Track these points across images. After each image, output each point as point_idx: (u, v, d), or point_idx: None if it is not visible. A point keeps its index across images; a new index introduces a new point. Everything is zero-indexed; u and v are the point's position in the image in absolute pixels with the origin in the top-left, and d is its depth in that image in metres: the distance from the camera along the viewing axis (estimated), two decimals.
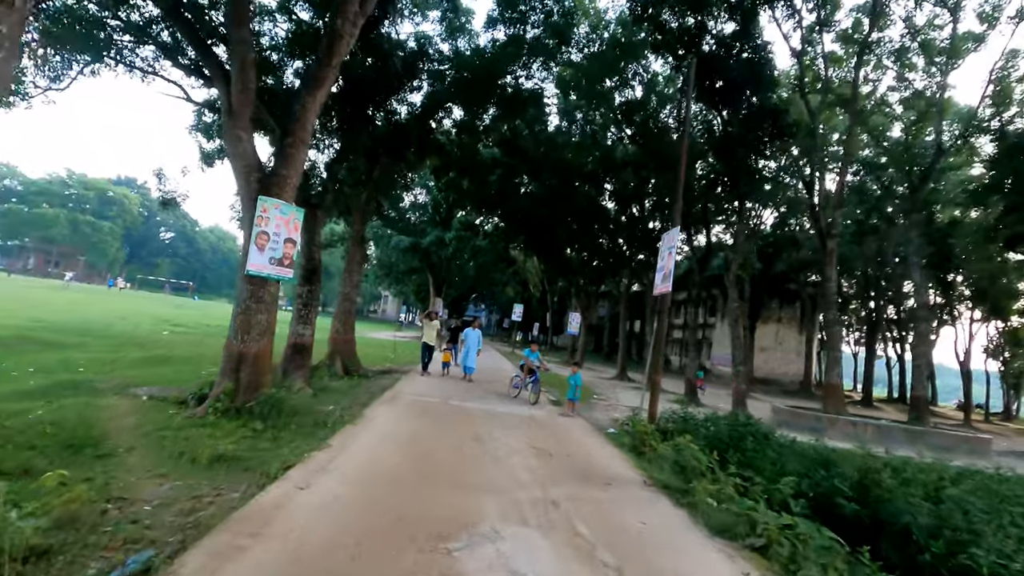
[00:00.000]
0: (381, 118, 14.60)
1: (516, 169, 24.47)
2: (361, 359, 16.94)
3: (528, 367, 11.82)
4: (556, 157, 24.27)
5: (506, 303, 63.31)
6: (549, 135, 24.58)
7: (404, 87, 14.43)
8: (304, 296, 10.23)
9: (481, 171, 23.52)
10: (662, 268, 9.20)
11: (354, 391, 10.18)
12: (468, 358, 13.48)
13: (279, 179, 7.63)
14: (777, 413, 14.74)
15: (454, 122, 20.93)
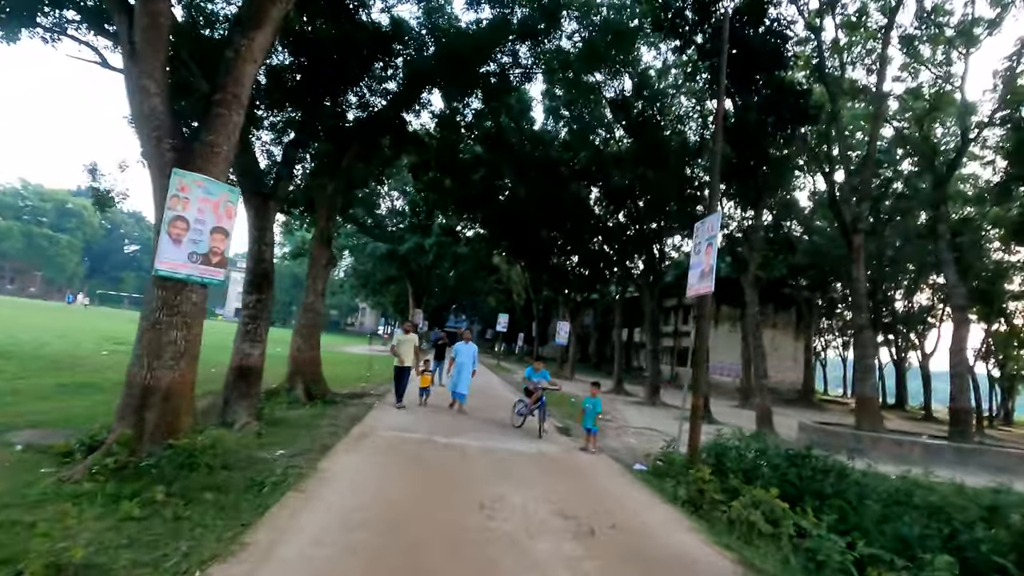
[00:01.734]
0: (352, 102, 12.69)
1: (500, 168, 22.69)
2: (331, 379, 14.82)
3: (533, 390, 9.51)
4: (543, 155, 22.59)
5: (488, 313, 61.35)
6: (535, 132, 22.91)
7: (376, 66, 12.55)
8: (252, 307, 8.19)
9: (463, 169, 21.71)
10: (699, 264, 7.44)
11: (315, 425, 8.16)
12: (460, 381, 10.70)
13: (204, 149, 5.67)
14: (805, 431, 13.09)
15: (434, 115, 19.13)
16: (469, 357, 10.81)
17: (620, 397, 21.11)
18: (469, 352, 10.86)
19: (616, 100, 18.31)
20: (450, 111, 19.62)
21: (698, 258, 7.51)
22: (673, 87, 20.45)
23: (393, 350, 10.56)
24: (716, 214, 7.26)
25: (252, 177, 8.44)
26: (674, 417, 16.50)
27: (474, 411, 11.05)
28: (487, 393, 15.78)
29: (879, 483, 6.73)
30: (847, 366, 53.48)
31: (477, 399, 13.28)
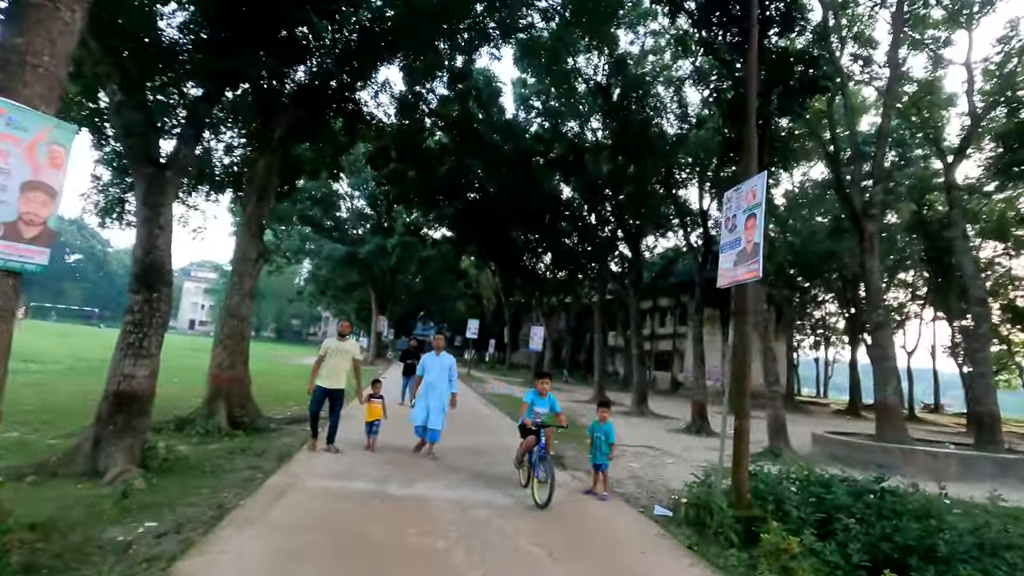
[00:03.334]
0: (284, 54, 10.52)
1: (468, 159, 20.79)
2: (274, 397, 12.67)
3: (533, 426, 6.17)
4: (514, 145, 20.81)
5: (458, 320, 59.12)
6: (507, 121, 21.11)
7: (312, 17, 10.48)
8: (138, 311, 6.03)
9: (428, 160, 19.73)
10: (734, 243, 5.70)
11: (226, 468, 6.06)
12: (431, 411, 7.45)
13: (8, 58, 3.61)
14: (821, 443, 11.56)
15: (393, 97, 17.13)
16: (443, 374, 7.59)
17: None
18: (443, 367, 7.62)
19: (594, 82, 16.66)
20: (412, 96, 17.68)
21: (733, 236, 5.76)
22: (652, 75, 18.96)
23: (318, 363, 7.35)
24: (760, 176, 5.53)
25: (140, 138, 6.31)
26: (667, 429, 14.86)
27: (450, 455, 7.74)
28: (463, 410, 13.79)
29: (961, 519, 5.09)
30: (820, 366, 53.46)
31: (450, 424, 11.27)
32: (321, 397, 7.35)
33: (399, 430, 8.48)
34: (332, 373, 7.35)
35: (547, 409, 6.46)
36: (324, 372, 7.33)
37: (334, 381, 7.36)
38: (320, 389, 7.34)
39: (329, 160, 16.69)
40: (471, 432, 10.02)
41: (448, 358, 7.81)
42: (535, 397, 6.51)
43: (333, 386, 7.36)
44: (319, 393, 7.34)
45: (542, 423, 6.17)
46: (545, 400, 6.52)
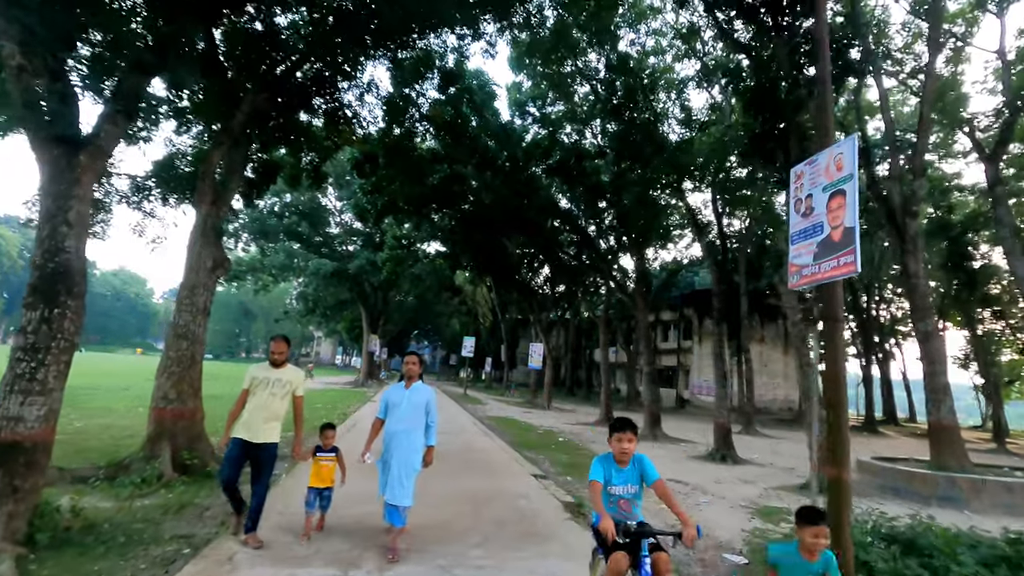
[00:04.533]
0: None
1: (462, 165, 19.53)
2: None
3: (620, 537, 2.89)
4: (509, 153, 19.61)
5: (452, 338, 57.54)
6: (501, 126, 19.91)
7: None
8: (33, 332, 4.61)
9: (418, 167, 18.46)
10: (813, 231, 4.37)
11: (143, 539, 4.59)
12: (393, 480, 4.62)
13: None
14: (868, 471, 10.12)
15: (381, 100, 15.94)
16: (415, 416, 4.79)
17: None
18: (415, 405, 4.81)
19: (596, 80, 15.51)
20: (401, 99, 16.52)
21: (809, 221, 4.43)
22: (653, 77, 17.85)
23: (241, 402, 4.76)
24: (847, 141, 4.21)
25: (48, 114, 4.96)
26: (686, 455, 13.38)
27: (434, 509, 5.70)
28: (455, 441, 12.28)
29: None
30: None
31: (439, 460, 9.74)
32: (238, 457, 4.58)
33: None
34: (258, 418, 4.63)
35: (634, 489, 3.24)
36: (246, 416, 4.67)
37: (260, 430, 4.61)
38: (236, 443, 4.58)
39: (311, 166, 15.44)
40: (465, 471, 8.48)
41: (424, 392, 4.85)
42: (608, 467, 3.26)
43: (258, 438, 4.61)
44: (234, 450, 4.58)
45: (639, 531, 2.93)
46: (629, 471, 3.26)
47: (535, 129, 21.49)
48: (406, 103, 16.84)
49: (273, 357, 4.91)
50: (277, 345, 4.96)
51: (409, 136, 17.88)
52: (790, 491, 9.23)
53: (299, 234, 31.05)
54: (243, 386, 4.80)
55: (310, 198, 32.39)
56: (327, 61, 10.47)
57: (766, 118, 10.66)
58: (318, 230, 33.28)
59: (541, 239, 21.77)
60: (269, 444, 4.71)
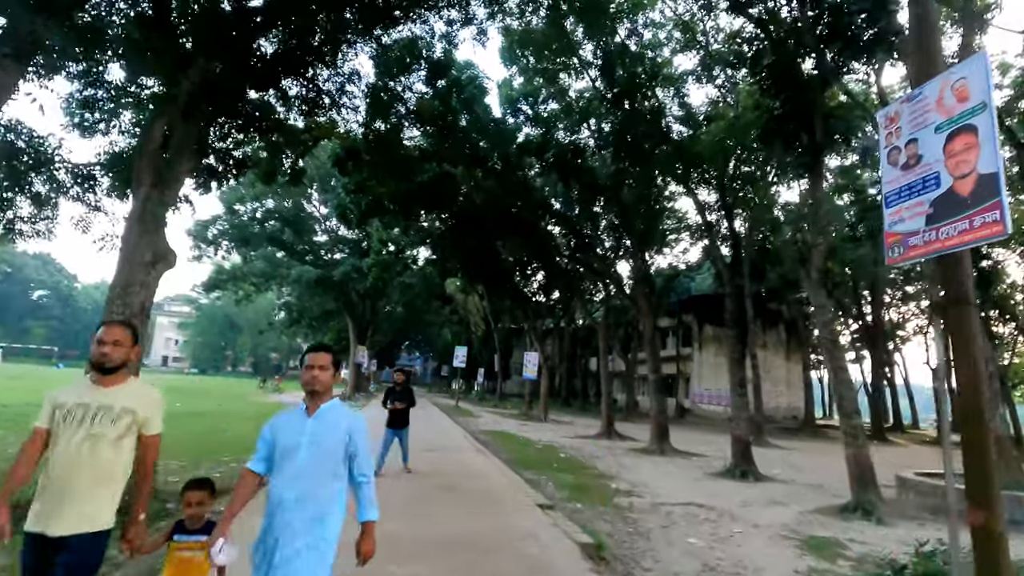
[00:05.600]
0: None
1: (452, 164, 18.42)
2: (215, 446, 9.96)
3: None
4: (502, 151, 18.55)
5: (444, 348, 56.11)
6: (492, 121, 18.86)
7: None
8: None
9: (405, 165, 17.31)
10: (923, 185, 3.24)
11: None
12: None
13: None
14: (912, 490, 8.98)
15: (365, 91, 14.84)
16: (325, 465, 2.47)
17: (614, 443, 16.66)
18: (325, 446, 2.48)
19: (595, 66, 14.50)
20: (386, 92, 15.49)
21: (914, 173, 3.33)
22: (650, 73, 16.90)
23: (27, 450, 2.44)
24: (972, 60, 3.11)
25: None
26: (702, 472, 12.12)
27: None
28: (444, 461, 11.03)
29: None
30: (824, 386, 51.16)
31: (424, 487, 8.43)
32: (35, 567, 2.32)
33: None
34: (67, 486, 2.37)
35: None
36: (43, 484, 2.42)
37: (70, 510, 2.34)
38: (29, 544, 2.34)
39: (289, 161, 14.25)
40: (459, 502, 7.17)
41: (339, 420, 2.55)
42: None
43: (65, 528, 2.32)
44: (28, 557, 2.34)
45: None
46: None
47: (528, 129, 20.52)
48: (391, 97, 15.78)
49: (97, 358, 2.49)
50: (108, 332, 2.55)
51: (395, 131, 16.78)
52: (830, 514, 8.07)
53: (283, 241, 29.73)
54: (38, 422, 2.47)
55: (294, 203, 31.17)
56: (298, 34, 9.35)
57: (787, 97, 9.63)
58: (303, 237, 31.98)
59: (535, 242, 20.65)
60: (88, 537, 2.33)
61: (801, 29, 9.21)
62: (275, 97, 12.90)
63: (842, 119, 9.69)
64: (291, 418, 2.57)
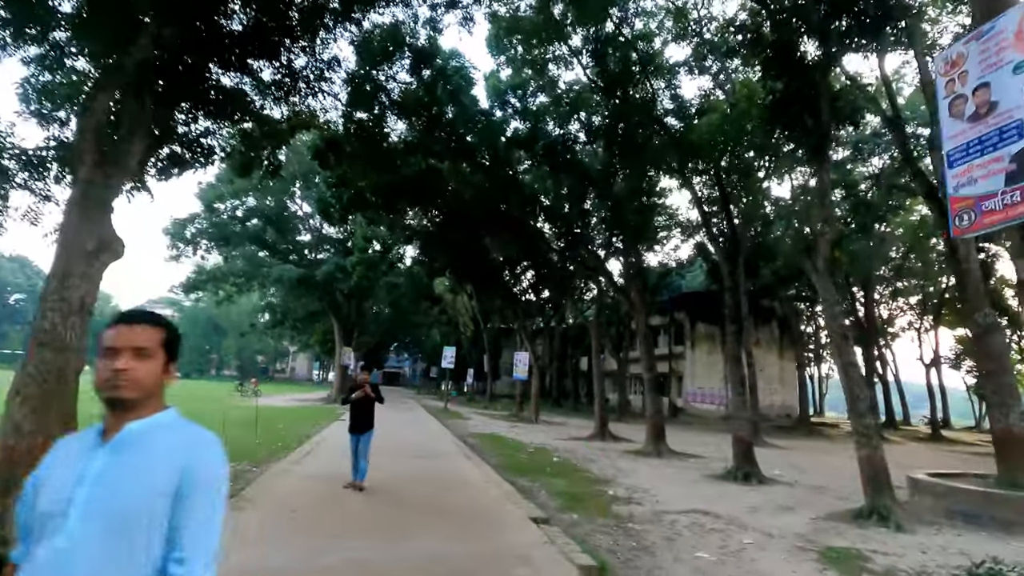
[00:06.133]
0: None
1: (438, 159, 17.75)
2: None
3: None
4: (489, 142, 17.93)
5: (433, 349, 55.29)
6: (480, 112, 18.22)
7: None
8: None
9: (389, 158, 16.62)
10: (1002, 137, 2.62)
11: None
12: None
13: None
14: (928, 493, 8.47)
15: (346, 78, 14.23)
16: (119, 544, 1.12)
17: (608, 444, 16.09)
18: (119, 508, 1.14)
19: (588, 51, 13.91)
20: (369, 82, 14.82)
21: (981, 127, 2.74)
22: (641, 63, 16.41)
23: None
24: None
25: None
26: (702, 475, 11.54)
27: None
28: (426, 468, 10.40)
29: None
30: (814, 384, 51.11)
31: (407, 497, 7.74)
32: None
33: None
34: None
35: None
36: None
37: None
38: None
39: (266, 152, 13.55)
40: (442, 517, 6.45)
41: (177, 446, 1.24)
42: None
43: None
44: None
45: None
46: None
47: (516, 124, 19.92)
48: (374, 86, 15.07)
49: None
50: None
51: (378, 122, 16.09)
52: (844, 520, 7.53)
53: (264, 240, 28.84)
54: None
55: (277, 202, 30.32)
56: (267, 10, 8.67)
57: (790, 79, 9.11)
58: (286, 237, 31.11)
59: (525, 238, 20.04)
60: None
61: (805, 6, 8.69)
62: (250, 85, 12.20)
63: (848, 101, 9.20)
64: (70, 451, 1.27)
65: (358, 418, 7.40)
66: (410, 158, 17.47)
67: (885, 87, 10.33)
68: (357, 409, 7.45)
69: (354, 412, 7.46)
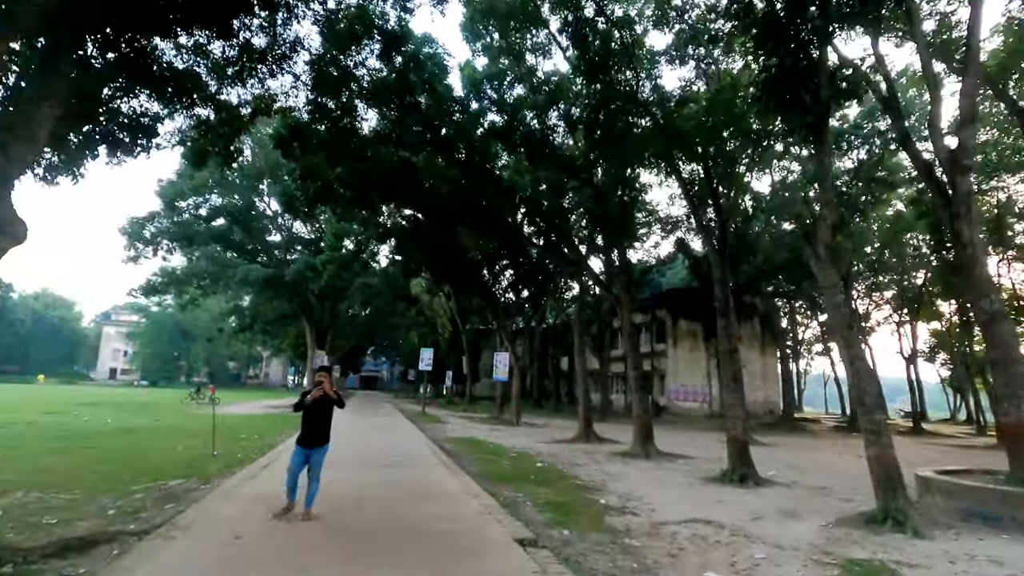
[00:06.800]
0: None
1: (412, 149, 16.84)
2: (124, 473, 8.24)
3: None
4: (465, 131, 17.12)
5: (410, 352, 54.06)
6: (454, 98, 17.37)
7: None
8: None
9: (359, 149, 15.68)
10: None
11: None
12: None
13: None
14: (938, 492, 7.91)
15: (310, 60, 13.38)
16: None
17: (594, 446, 15.38)
18: None
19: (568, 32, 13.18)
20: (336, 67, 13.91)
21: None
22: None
23: None
24: None
25: None
26: (696, 478, 10.78)
27: None
28: (408, 480, 9.52)
29: None
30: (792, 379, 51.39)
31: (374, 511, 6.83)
32: None
33: None
34: None
35: None
36: None
37: None
38: None
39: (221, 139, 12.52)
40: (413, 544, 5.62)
41: None
42: None
43: None
44: None
45: None
46: None
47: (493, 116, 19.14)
48: (342, 73, 14.12)
49: None
50: None
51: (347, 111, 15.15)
52: (856, 526, 6.91)
53: (231, 240, 27.45)
54: None
55: (244, 200, 28.92)
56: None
57: (785, 54, 8.51)
58: (254, 236, 29.71)
59: (503, 232, 19.24)
60: None
61: None
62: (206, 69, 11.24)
63: (847, 76, 8.66)
64: None
65: (313, 427, 6.05)
66: (381, 148, 16.56)
67: (879, 64, 9.85)
68: (312, 415, 6.07)
69: (308, 419, 6.07)
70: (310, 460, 5.97)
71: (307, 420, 6.08)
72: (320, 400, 6.03)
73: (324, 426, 6.12)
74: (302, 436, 6.07)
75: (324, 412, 6.12)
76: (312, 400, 6.01)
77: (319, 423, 6.09)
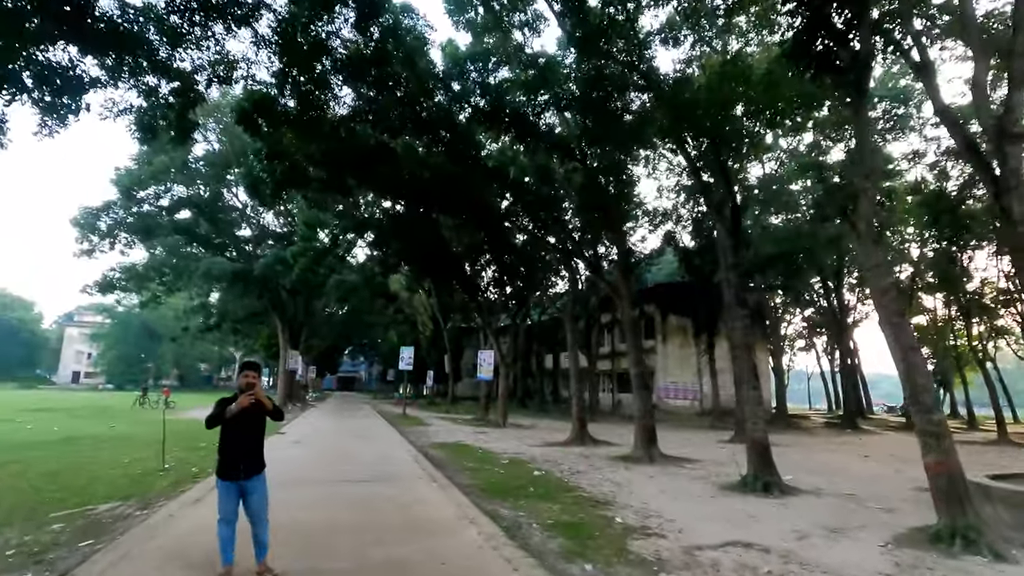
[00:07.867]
0: None
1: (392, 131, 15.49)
2: (63, 491, 6.81)
3: None
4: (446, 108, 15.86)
5: (389, 351, 52.40)
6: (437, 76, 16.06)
7: None
8: None
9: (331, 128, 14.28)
10: None
11: None
12: None
13: None
14: (995, 500, 6.94)
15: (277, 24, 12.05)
16: None
17: (590, 450, 14.27)
18: None
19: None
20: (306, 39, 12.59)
21: None
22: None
23: None
24: None
25: None
26: (714, 485, 9.72)
27: None
28: (386, 499, 8.24)
29: None
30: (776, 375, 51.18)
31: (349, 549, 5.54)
32: None
33: None
34: None
35: None
36: None
37: None
38: None
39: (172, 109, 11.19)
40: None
41: None
42: None
43: None
44: None
45: None
46: None
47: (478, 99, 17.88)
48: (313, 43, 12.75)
49: None
50: None
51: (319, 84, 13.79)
52: (920, 546, 5.89)
53: (195, 233, 25.64)
54: None
55: (211, 190, 27.08)
56: None
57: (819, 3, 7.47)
58: (222, 230, 27.87)
59: (489, 222, 18.00)
60: None
61: None
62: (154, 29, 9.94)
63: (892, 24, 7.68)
64: None
65: (239, 448, 4.22)
66: (356, 127, 15.18)
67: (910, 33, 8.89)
68: (236, 433, 4.21)
69: (232, 438, 4.21)
70: (246, 498, 4.21)
71: (230, 440, 4.22)
72: (250, 410, 4.13)
73: (256, 446, 4.33)
74: (224, 464, 4.22)
75: (255, 427, 4.31)
76: (238, 410, 4.07)
77: (249, 443, 4.28)
